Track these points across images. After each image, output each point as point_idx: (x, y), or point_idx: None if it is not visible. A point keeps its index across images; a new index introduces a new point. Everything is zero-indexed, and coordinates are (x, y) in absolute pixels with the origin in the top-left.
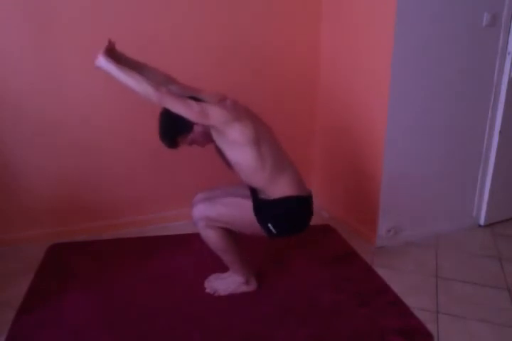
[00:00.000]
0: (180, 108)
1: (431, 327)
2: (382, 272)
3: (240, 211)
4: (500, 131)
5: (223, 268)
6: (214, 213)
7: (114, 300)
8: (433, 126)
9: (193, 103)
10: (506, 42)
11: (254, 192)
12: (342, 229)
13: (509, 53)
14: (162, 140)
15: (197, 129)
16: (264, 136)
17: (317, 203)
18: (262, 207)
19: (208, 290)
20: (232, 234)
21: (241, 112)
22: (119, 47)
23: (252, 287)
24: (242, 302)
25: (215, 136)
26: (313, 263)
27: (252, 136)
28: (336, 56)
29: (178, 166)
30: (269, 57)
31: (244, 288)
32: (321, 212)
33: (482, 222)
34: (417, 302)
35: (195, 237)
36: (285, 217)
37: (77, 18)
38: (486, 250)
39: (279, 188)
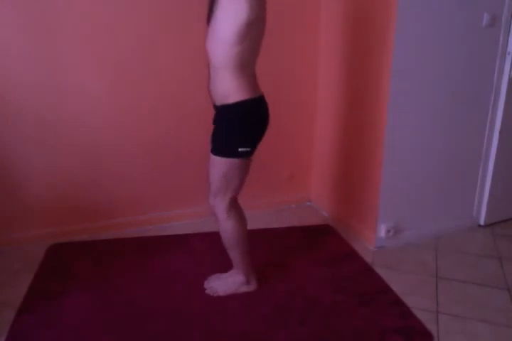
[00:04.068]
0: None
1: (431, 327)
2: (382, 272)
3: (215, 165)
4: (500, 131)
5: (223, 269)
6: (213, 184)
7: (114, 300)
8: (433, 126)
9: None
10: (506, 43)
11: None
12: (342, 229)
13: (509, 53)
14: None
15: None
16: (256, 33)
17: (317, 203)
18: (223, 120)
19: (207, 291)
20: (246, 229)
21: (264, 3)
22: (119, 47)
23: (252, 287)
24: (242, 302)
25: None
26: (313, 263)
27: (252, 17)
28: (333, 60)
29: (179, 166)
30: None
31: (244, 288)
32: (321, 212)
33: (482, 222)
34: (417, 302)
35: (195, 237)
36: (249, 126)
37: (78, 19)
38: (486, 250)
39: (236, 83)
